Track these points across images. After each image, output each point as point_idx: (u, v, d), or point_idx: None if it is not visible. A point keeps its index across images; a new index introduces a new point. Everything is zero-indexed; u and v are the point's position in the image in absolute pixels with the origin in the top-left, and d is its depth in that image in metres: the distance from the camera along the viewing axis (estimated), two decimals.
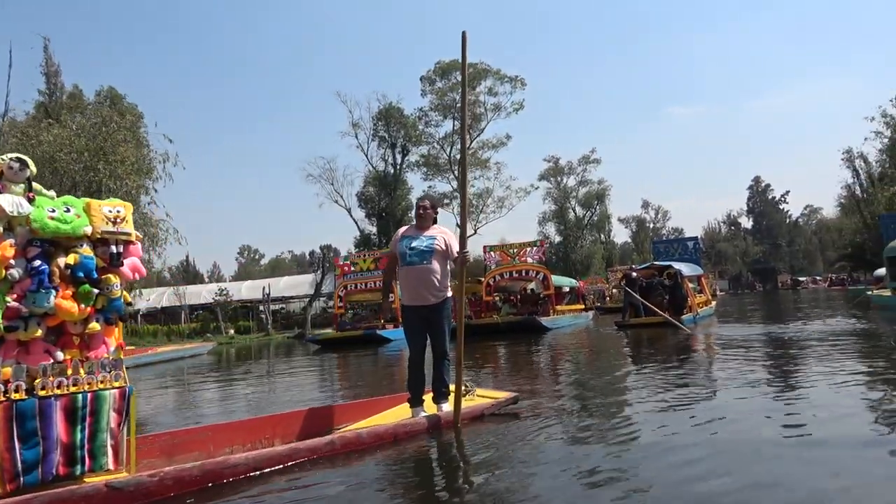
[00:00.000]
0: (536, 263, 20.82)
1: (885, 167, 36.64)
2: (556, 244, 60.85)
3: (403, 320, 4.83)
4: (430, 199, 5.03)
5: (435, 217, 4.97)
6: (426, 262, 4.61)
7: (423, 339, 4.75)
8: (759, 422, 4.19)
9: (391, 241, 5.03)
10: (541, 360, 10.69)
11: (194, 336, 33.71)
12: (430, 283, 4.61)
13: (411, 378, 4.72)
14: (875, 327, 11.79)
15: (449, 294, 4.82)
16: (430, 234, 4.77)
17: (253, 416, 5.19)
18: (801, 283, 78.95)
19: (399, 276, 4.78)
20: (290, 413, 4.59)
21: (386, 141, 43.99)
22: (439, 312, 4.70)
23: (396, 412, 4.75)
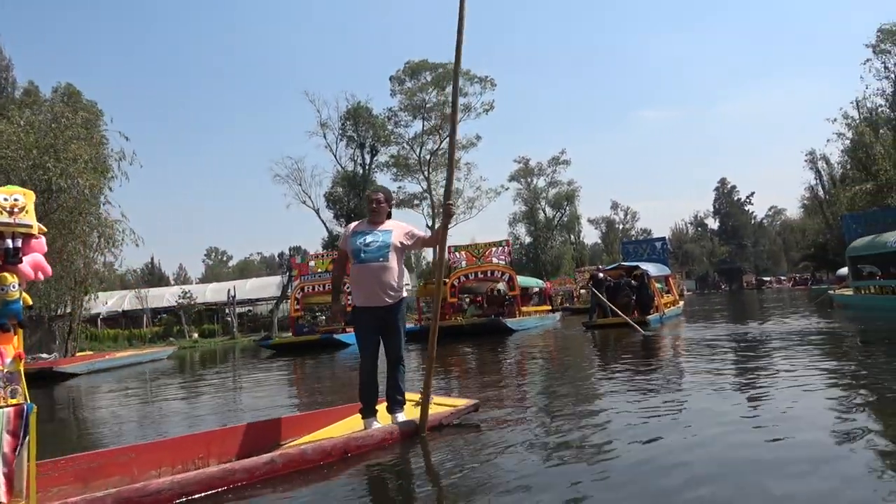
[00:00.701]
0: (502, 264, 20.49)
1: (847, 168, 37.39)
2: (526, 245, 61.03)
3: (355, 323, 4.42)
4: (383, 191, 4.64)
5: (389, 211, 4.61)
6: (382, 259, 4.26)
7: (376, 344, 4.39)
8: (735, 430, 3.95)
9: (341, 236, 4.63)
10: (505, 363, 10.36)
11: (157, 340, 32.88)
12: (387, 281, 4.27)
13: (363, 386, 4.36)
14: (839, 326, 11.81)
15: (405, 294, 4.50)
16: (386, 228, 4.43)
17: (186, 432, 4.76)
18: (765, 282, 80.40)
19: (351, 275, 4.41)
20: (226, 429, 4.14)
21: (354, 141, 43.43)
22: (395, 314, 4.38)
23: (347, 424, 4.39)
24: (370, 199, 4.55)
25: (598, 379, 6.97)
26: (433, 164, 48.56)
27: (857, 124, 30.83)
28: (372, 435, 4.02)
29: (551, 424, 4.54)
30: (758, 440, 3.64)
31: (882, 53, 29.66)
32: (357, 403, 4.45)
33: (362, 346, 4.40)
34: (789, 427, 3.88)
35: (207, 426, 5.25)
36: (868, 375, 5.73)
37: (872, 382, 5.32)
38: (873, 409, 4.33)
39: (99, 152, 18.46)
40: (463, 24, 4.45)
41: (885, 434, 3.65)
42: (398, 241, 4.37)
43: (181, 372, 14.40)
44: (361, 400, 4.35)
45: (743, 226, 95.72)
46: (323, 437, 4.12)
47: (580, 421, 4.60)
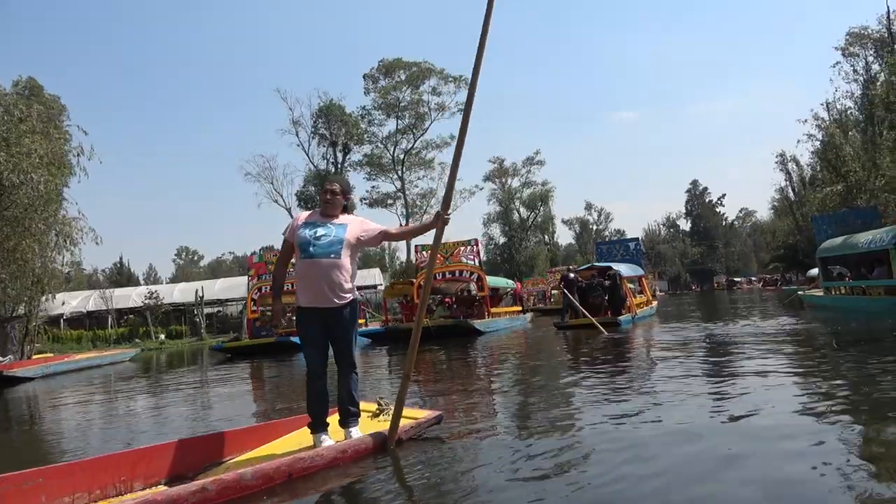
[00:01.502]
0: (471, 264, 19.89)
1: (817, 171, 37.93)
2: (500, 245, 61.06)
3: (300, 326, 3.99)
4: (340, 182, 4.23)
5: (345, 205, 4.21)
6: (334, 255, 3.87)
7: (324, 348, 3.99)
8: (717, 441, 3.67)
9: (287, 227, 4.15)
10: (471, 367, 9.87)
11: (122, 342, 32.02)
12: (337, 281, 3.88)
13: (311, 397, 3.94)
14: (815, 327, 11.73)
15: (356, 295, 4.10)
16: (341, 222, 4.05)
17: (117, 449, 4.28)
18: (736, 283, 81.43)
19: (297, 271, 3.97)
20: (154, 448, 3.65)
21: (327, 139, 42.86)
22: (345, 316, 3.97)
23: (294, 440, 4.00)
24: (325, 189, 4.16)
25: (569, 384, 6.65)
26: (407, 164, 48.23)
27: (828, 125, 31.22)
28: (321, 454, 3.60)
29: (521, 436, 4.21)
30: (734, 450, 3.42)
31: (851, 56, 30.07)
32: (304, 416, 4.04)
33: (308, 352, 3.99)
34: (767, 434, 3.71)
35: (146, 440, 4.80)
36: (852, 378, 5.54)
37: (853, 384, 5.13)
38: (852, 412, 4.19)
39: (57, 147, 17.73)
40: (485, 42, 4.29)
41: (860, 434, 3.66)
42: (353, 237, 4.00)
43: (139, 376, 13.83)
44: (310, 412, 3.94)
45: (714, 227, 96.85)
46: (266, 455, 3.73)
47: (552, 431, 4.29)
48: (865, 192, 25.82)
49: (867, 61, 29.49)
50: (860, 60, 29.75)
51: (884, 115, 23.58)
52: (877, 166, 25.08)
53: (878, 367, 6.11)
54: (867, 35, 28.69)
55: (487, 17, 4.28)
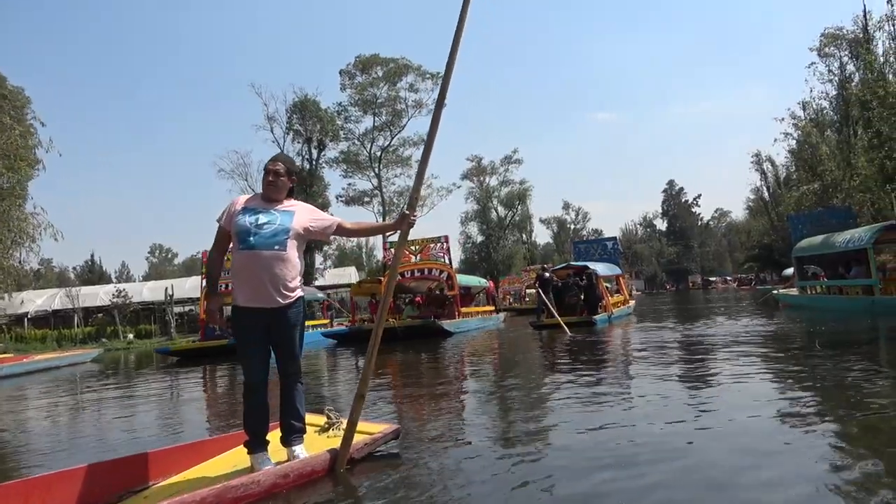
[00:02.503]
0: (441, 261, 19.12)
1: (791, 171, 38.21)
2: (478, 244, 60.76)
3: (236, 328, 3.46)
4: (284, 161, 3.65)
5: (292, 187, 3.67)
6: (278, 247, 3.36)
7: (264, 354, 3.47)
8: (696, 455, 3.30)
9: (223, 212, 3.56)
10: (436, 372, 9.17)
11: (88, 341, 31.09)
12: (281, 276, 3.38)
13: (249, 411, 3.44)
14: (791, 328, 11.52)
15: (302, 293, 3.60)
16: (287, 208, 3.54)
17: (18, 475, 3.73)
18: (711, 283, 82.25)
19: (234, 265, 3.42)
20: (57, 474, 3.08)
21: (301, 135, 42.07)
22: (290, 317, 3.47)
23: (228, 461, 3.53)
24: (268, 169, 3.57)
25: (540, 389, 6.23)
26: (384, 161, 47.65)
27: (804, 124, 31.31)
28: (258, 480, 3.08)
29: (487, 450, 3.77)
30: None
31: (826, 57, 30.18)
32: (240, 432, 3.54)
33: (246, 359, 3.46)
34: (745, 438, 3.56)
35: (56, 463, 4.18)
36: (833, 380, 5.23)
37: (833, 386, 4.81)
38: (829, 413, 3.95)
39: (13, 139, 16.93)
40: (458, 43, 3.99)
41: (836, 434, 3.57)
42: (301, 227, 3.50)
43: (95, 378, 13.14)
44: (247, 429, 3.43)
45: (690, 227, 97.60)
46: (194, 479, 3.26)
47: (522, 444, 3.89)
48: (841, 192, 25.90)
49: (842, 62, 29.63)
50: (835, 61, 29.90)
51: (859, 113, 23.65)
52: (851, 166, 25.16)
53: (867, 370, 5.82)
54: (842, 35, 28.80)
55: (461, 21, 4.01)
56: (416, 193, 3.95)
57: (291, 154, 43.09)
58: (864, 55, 22.28)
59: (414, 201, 3.88)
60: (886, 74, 21.12)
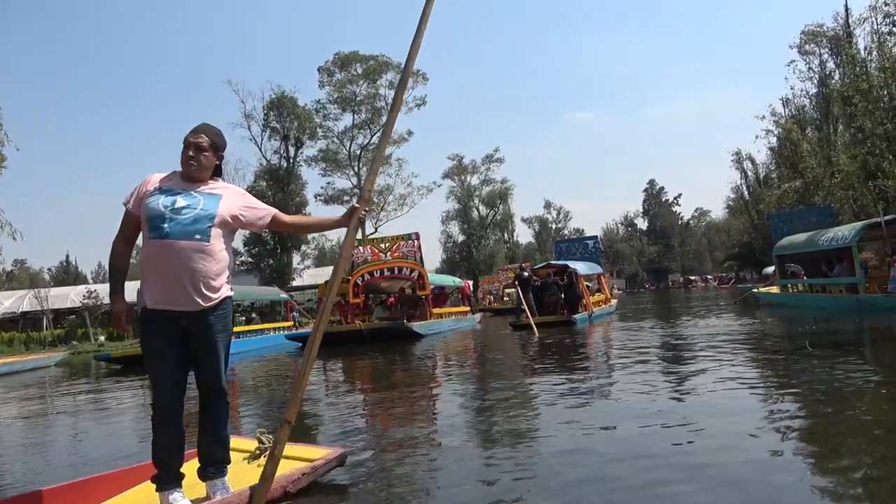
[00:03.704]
0: (411, 259, 18.25)
1: (771, 169, 38.29)
2: (459, 243, 60.31)
3: (145, 335, 2.82)
4: (208, 132, 2.99)
5: (218, 165, 3.04)
6: (200, 237, 2.76)
7: (179, 370, 2.82)
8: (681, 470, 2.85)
9: (132, 192, 2.92)
10: (401, 379, 8.15)
11: (58, 344, 30.21)
12: (203, 272, 2.77)
13: (159, 438, 2.81)
14: (776, 327, 11.21)
15: (229, 293, 2.95)
16: (212, 191, 2.93)
17: None
18: (691, 281, 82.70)
19: (143, 257, 2.79)
20: None
21: (278, 132, 41.32)
22: (212, 323, 2.83)
23: (132, 500, 2.97)
24: (188, 142, 2.92)
25: (514, 400, 5.69)
26: (364, 160, 47.02)
27: (785, 121, 31.29)
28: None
29: (448, 478, 3.28)
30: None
31: (806, 55, 30.14)
32: (148, 463, 2.93)
33: (155, 374, 2.82)
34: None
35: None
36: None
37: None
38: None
39: None
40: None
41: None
42: (229, 214, 2.89)
43: (51, 385, 12.46)
44: (157, 461, 2.80)
45: (670, 226, 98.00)
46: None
47: (493, 469, 3.39)
48: (822, 190, 25.81)
49: (822, 59, 29.63)
50: (815, 58, 29.89)
51: (840, 110, 23.55)
52: (831, 164, 25.09)
53: (867, 374, 5.42)
54: (822, 33, 28.78)
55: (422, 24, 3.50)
56: (368, 185, 3.39)
57: (269, 152, 42.36)
58: (846, 49, 22.14)
59: (367, 194, 3.31)
60: (869, 68, 21.01)
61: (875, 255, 15.65)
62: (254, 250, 41.08)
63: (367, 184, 3.40)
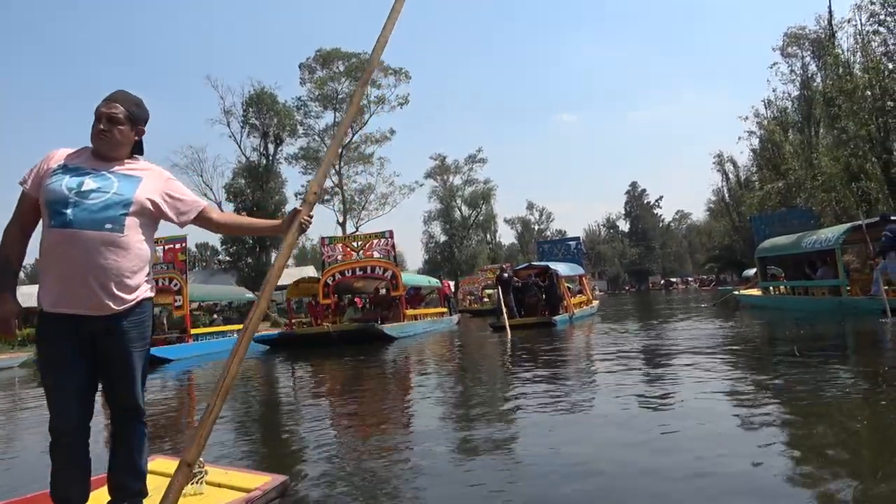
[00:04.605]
0: (384, 259, 17.50)
1: (753, 172, 38.38)
2: (441, 243, 60.03)
3: (43, 343, 2.35)
4: (124, 101, 2.49)
5: (139, 142, 2.56)
6: (112, 225, 2.30)
7: (84, 386, 2.35)
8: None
9: (30, 171, 2.43)
10: (365, 387, 7.38)
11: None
12: (115, 269, 2.31)
13: (58, 469, 2.33)
14: (758, 331, 10.98)
15: (148, 294, 2.46)
16: (130, 171, 2.46)
17: None
18: (672, 283, 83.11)
19: (42, 248, 2.33)
20: None
21: (258, 129, 40.70)
22: (127, 330, 2.36)
23: None
24: (99, 113, 2.43)
25: (483, 411, 5.30)
26: (345, 158, 46.51)
27: (768, 122, 31.30)
28: None
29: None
30: None
31: (789, 57, 30.18)
32: (44, 492, 2.46)
33: (53, 391, 2.33)
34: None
35: None
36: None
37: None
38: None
39: None
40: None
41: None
42: (148, 200, 2.43)
43: (5, 388, 11.89)
44: (55, 495, 2.34)
45: (652, 228, 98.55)
46: None
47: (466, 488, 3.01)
48: (804, 192, 25.77)
49: (804, 62, 29.69)
50: (797, 61, 29.95)
51: (823, 112, 23.50)
52: (813, 166, 25.07)
53: (863, 381, 5.13)
54: (804, 35, 28.83)
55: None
56: (314, 187, 2.86)
57: (249, 149, 41.59)
58: (830, 49, 22.09)
59: (311, 197, 2.83)
60: (853, 69, 20.95)
61: (856, 258, 15.56)
62: (231, 248, 40.41)
63: (313, 185, 2.88)
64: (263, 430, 5.12)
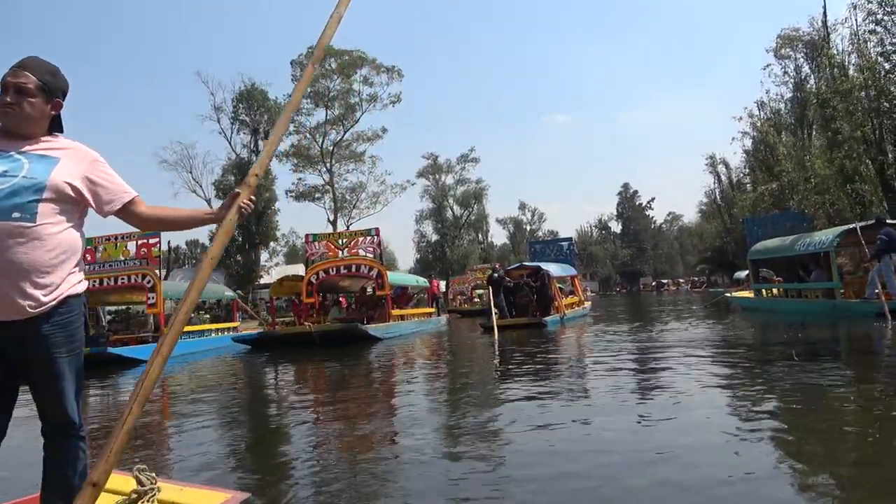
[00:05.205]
0: (370, 257, 17.07)
1: (745, 174, 38.29)
2: (433, 243, 59.76)
3: None
4: (36, 69, 2.15)
5: (56, 117, 2.24)
6: (21, 214, 1.99)
7: (4, 401, 2.09)
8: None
9: None
10: (344, 393, 6.90)
11: None
12: (28, 264, 2.00)
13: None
14: (752, 333, 10.79)
15: (75, 291, 2.14)
16: (45, 151, 2.13)
17: None
18: (663, 285, 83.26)
19: None
20: None
21: (248, 125, 40.31)
22: (50, 334, 2.06)
23: None
24: (5, 83, 2.10)
25: (471, 425, 5.05)
26: (336, 156, 46.18)
27: (762, 123, 31.19)
28: None
29: None
30: None
31: (782, 59, 30.05)
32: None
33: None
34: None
35: None
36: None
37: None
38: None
39: None
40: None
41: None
42: (68, 184, 2.09)
43: None
44: None
45: (644, 230, 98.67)
46: None
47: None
48: (797, 194, 25.64)
49: (798, 63, 29.56)
50: (791, 63, 29.82)
51: (817, 113, 23.34)
52: (806, 169, 24.95)
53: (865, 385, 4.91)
54: (798, 37, 28.69)
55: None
56: (257, 169, 2.51)
57: (239, 146, 41.13)
58: (825, 50, 21.94)
59: (252, 179, 2.46)
60: (847, 69, 20.81)
61: (850, 261, 15.45)
62: None
63: (256, 167, 2.52)
64: (227, 441, 4.70)
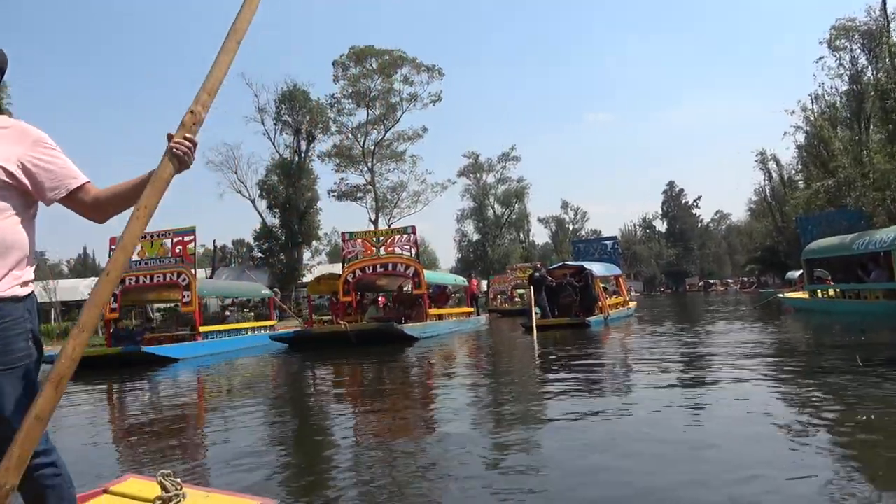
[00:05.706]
0: (406, 255, 16.76)
1: (798, 170, 36.78)
2: (474, 242, 59.61)
3: None
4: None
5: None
6: None
7: None
8: None
9: None
10: (379, 396, 6.70)
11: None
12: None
13: None
14: (808, 337, 10.25)
15: (13, 291, 1.76)
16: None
17: None
18: (711, 285, 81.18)
19: None
20: None
21: (290, 126, 40.76)
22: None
23: None
24: None
25: (511, 430, 4.83)
26: (377, 156, 46.40)
27: (815, 117, 29.94)
28: None
29: None
30: None
31: (837, 51, 28.73)
32: None
33: None
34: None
35: None
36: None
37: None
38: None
39: None
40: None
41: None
42: (7, 166, 1.78)
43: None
44: None
45: (690, 229, 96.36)
46: None
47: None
48: (854, 190, 24.47)
49: (854, 55, 28.19)
50: (847, 54, 28.46)
51: (877, 106, 22.21)
52: (862, 164, 23.83)
53: None
54: (854, 27, 27.36)
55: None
56: (197, 106, 1.95)
57: (283, 147, 41.65)
58: (886, 39, 20.85)
59: (189, 118, 1.94)
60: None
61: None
62: (264, 245, 40.57)
63: (195, 103, 1.96)
64: (257, 445, 4.43)
